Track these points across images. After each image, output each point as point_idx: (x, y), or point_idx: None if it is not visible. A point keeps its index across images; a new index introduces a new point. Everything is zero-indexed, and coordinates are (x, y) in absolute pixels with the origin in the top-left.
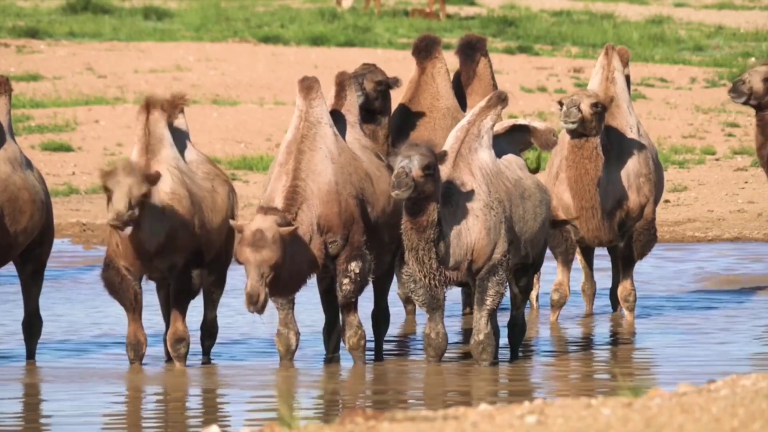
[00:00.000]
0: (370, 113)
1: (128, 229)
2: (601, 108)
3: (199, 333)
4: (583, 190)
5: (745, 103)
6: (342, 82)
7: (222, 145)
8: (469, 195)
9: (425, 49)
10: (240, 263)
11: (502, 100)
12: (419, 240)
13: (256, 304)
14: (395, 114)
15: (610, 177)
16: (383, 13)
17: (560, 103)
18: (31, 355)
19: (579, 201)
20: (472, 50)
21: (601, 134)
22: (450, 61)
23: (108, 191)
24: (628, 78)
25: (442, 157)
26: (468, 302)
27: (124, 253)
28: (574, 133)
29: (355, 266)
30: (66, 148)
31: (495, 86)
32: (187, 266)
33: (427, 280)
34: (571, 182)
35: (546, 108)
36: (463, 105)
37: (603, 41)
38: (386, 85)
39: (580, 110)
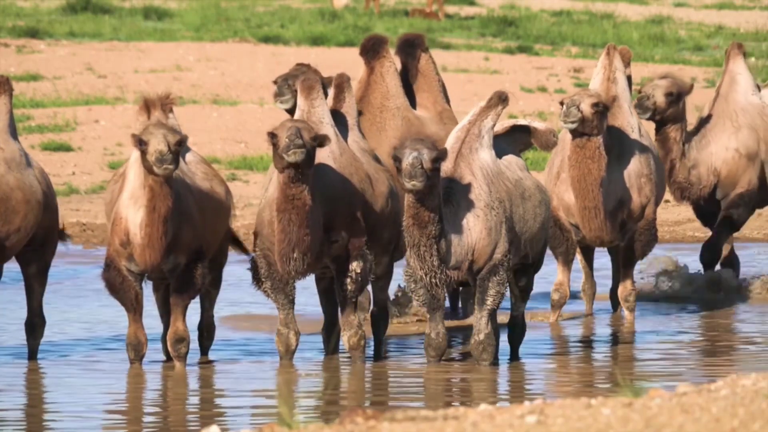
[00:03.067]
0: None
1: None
2: (602, 108)
3: (196, 333)
4: (586, 189)
5: (650, 119)
6: (341, 84)
7: (222, 145)
8: (470, 195)
9: (372, 49)
10: (274, 136)
11: (502, 100)
12: (421, 236)
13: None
14: None
15: (611, 177)
16: (383, 13)
17: (562, 103)
18: (33, 354)
19: (582, 201)
20: (412, 48)
21: (604, 134)
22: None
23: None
24: (629, 78)
25: (443, 154)
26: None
27: (142, 245)
28: (575, 133)
29: (356, 266)
30: (66, 148)
31: (440, 81)
32: (188, 266)
33: (428, 279)
34: (574, 182)
35: (546, 108)
36: (411, 103)
37: (603, 41)
38: None
39: (580, 110)
